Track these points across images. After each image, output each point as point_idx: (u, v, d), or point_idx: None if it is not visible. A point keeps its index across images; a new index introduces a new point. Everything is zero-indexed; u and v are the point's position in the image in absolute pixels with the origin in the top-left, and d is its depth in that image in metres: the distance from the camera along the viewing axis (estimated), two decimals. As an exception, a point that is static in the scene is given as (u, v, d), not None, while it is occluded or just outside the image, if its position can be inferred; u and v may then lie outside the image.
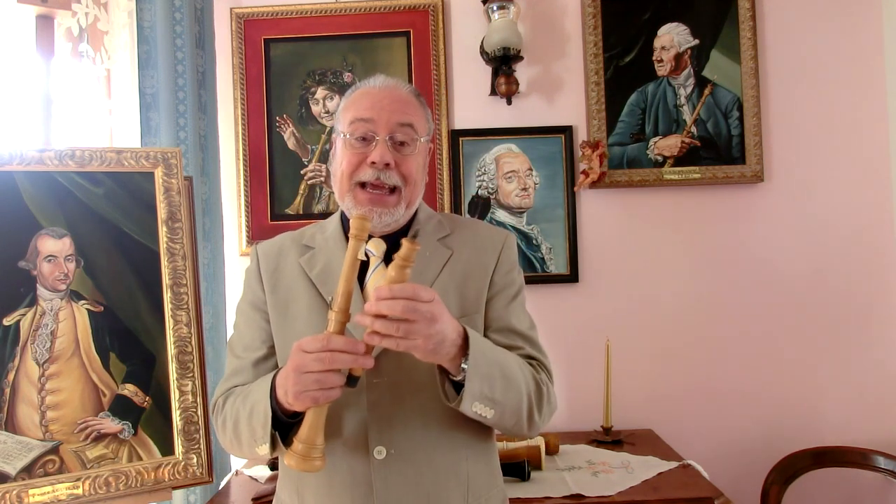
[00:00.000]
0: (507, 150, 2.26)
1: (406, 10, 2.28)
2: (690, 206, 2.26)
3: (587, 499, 1.57)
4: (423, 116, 1.18)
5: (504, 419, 1.06)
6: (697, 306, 2.25)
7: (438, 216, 1.26)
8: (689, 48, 2.26)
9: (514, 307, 1.20)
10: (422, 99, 1.21)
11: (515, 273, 1.23)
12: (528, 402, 1.08)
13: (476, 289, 1.17)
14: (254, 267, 1.22)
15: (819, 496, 2.17)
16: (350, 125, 1.14)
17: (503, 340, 1.15)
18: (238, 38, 2.27)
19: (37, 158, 1.35)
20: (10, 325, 1.30)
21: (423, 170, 1.19)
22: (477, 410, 1.01)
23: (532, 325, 1.22)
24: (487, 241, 1.22)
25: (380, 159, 1.10)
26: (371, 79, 1.20)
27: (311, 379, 0.95)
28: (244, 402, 1.09)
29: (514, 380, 1.05)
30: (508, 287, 1.20)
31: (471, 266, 1.18)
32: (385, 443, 1.07)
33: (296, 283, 1.18)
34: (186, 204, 1.48)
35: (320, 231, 1.24)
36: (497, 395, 1.02)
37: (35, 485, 1.27)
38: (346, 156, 1.14)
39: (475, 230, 1.24)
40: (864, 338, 2.24)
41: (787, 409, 2.23)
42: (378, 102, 1.14)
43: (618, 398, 2.13)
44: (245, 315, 1.22)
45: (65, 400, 1.32)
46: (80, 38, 1.85)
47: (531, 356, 1.17)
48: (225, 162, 2.18)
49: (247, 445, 1.09)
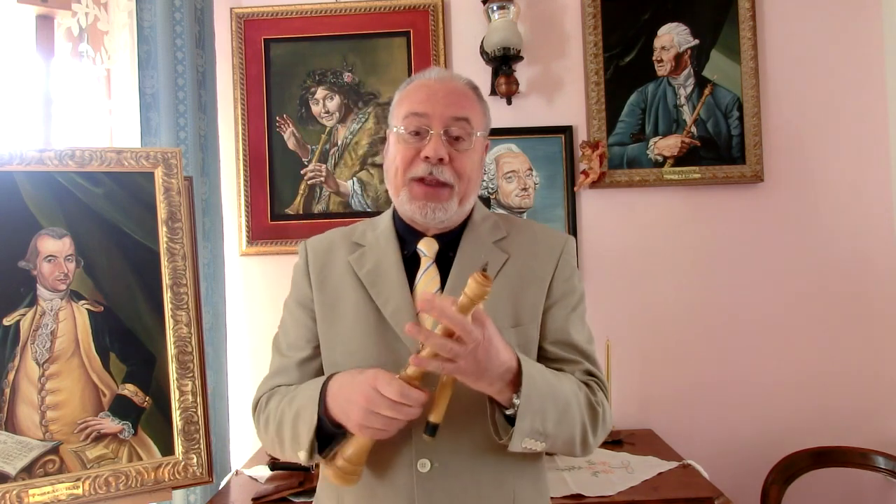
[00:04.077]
0: (507, 150, 2.26)
1: (406, 10, 2.28)
2: (690, 206, 2.26)
3: (587, 499, 1.57)
4: (479, 111, 1.14)
5: (555, 449, 1.03)
6: (697, 306, 2.24)
7: (494, 217, 1.21)
8: (689, 48, 2.26)
9: (574, 318, 1.14)
10: (479, 92, 1.17)
11: (576, 280, 1.17)
12: (582, 430, 1.04)
13: (533, 297, 1.11)
14: (302, 263, 1.19)
15: (819, 496, 2.16)
16: (404, 119, 1.10)
17: (560, 353, 1.11)
18: (238, 38, 2.27)
19: (37, 158, 1.35)
20: (10, 325, 1.30)
21: (479, 166, 1.15)
22: (526, 446, 0.97)
23: (590, 339, 1.17)
24: (546, 246, 1.16)
25: (433, 154, 1.07)
26: (426, 71, 1.16)
27: (379, 420, 0.93)
28: (290, 404, 1.06)
29: (568, 412, 1.01)
30: (568, 296, 1.15)
31: (528, 272, 1.12)
32: (429, 456, 1.03)
33: (344, 281, 1.14)
34: (186, 204, 1.48)
35: (371, 228, 1.20)
36: (549, 429, 0.98)
37: (35, 485, 1.27)
38: (399, 150, 1.11)
39: (533, 233, 1.19)
40: (863, 338, 2.24)
41: (787, 409, 2.22)
42: (433, 96, 1.10)
43: (618, 398, 2.13)
44: (291, 313, 1.19)
45: (65, 400, 1.32)
46: (80, 38, 1.85)
47: (589, 372, 1.12)
48: (225, 162, 2.18)
49: (289, 447, 1.06)
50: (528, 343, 1.10)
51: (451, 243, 1.14)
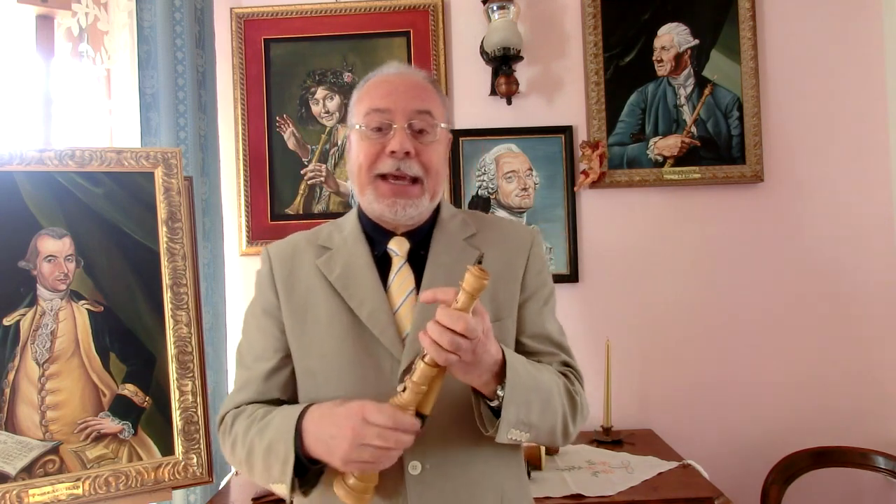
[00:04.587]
0: (507, 150, 2.26)
1: (406, 10, 2.28)
2: (690, 206, 2.26)
3: (587, 499, 1.57)
4: (440, 103, 1.14)
5: (539, 439, 1.04)
6: (697, 306, 2.24)
7: (462, 214, 1.20)
8: (689, 48, 2.26)
9: (547, 312, 1.16)
10: (437, 85, 1.17)
11: (546, 273, 1.18)
12: (564, 419, 1.05)
13: (508, 292, 1.11)
14: (266, 271, 1.15)
15: (819, 496, 2.16)
16: (366, 116, 1.09)
17: (538, 347, 1.12)
18: (238, 38, 2.27)
19: (37, 158, 1.35)
20: (10, 325, 1.30)
21: (444, 159, 1.14)
22: (512, 437, 0.98)
23: (562, 331, 1.18)
24: (516, 240, 1.16)
25: (399, 147, 1.05)
26: (384, 66, 1.14)
27: (369, 453, 0.92)
28: (260, 434, 1.02)
29: (550, 402, 1.02)
30: (541, 289, 1.15)
31: (501, 267, 1.11)
32: (420, 457, 1.02)
33: (313, 286, 1.11)
34: (186, 204, 1.48)
35: (337, 230, 1.17)
36: (534, 419, 0.99)
37: (35, 485, 1.27)
38: (362, 148, 1.09)
39: (501, 228, 1.19)
40: (863, 337, 2.23)
41: (787, 409, 2.22)
42: (394, 90, 1.09)
43: (618, 398, 2.13)
44: (257, 322, 1.15)
45: (65, 400, 1.32)
46: (80, 38, 1.85)
47: (565, 363, 1.14)
48: (225, 162, 2.18)
49: (260, 478, 1.04)
50: (507, 338, 1.10)
51: (422, 242, 1.13)
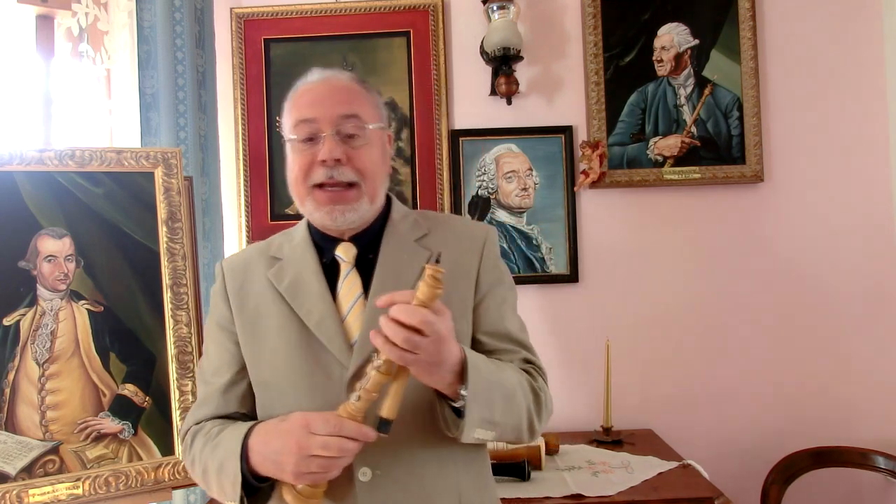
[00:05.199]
0: (507, 150, 2.26)
1: (406, 10, 2.27)
2: (690, 206, 2.26)
3: (587, 499, 1.57)
4: (369, 102, 1.11)
5: (504, 436, 1.03)
6: (697, 306, 2.24)
7: (414, 214, 1.18)
8: (689, 48, 2.26)
9: (506, 309, 1.14)
10: (367, 84, 1.13)
11: (501, 270, 1.16)
12: (528, 415, 1.04)
13: (461, 292, 1.09)
14: (219, 285, 1.15)
15: (819, 496, 2.16)
16: (294, 128, 1.08)
17: (497, 345, 1.11)
18: (238, 38, 2.27)
19: (37, 158, 1.35)
20: (10, 325, 1.30)
21: (381, 161, 1.11)
22: (477, 436, 0.97)
23: (523, 327, 1.16)
24: (468, 239, 1.13)
25: (328, 155, 1.03)
26: (308, 74, 1.13)
27: (316, 463, 0.91)
28: (213, 453, 1.03)
29: (514, 398, 1.01)
30: (496, 287, 1.13)
31: (454, 267, 1.06)
32: (370, 464, 0.99)
33: (264, 297, 1.10)
34: (186, 204, 1.48)
35: (287, 240, 1.16)
36: (497, 416, 0.98)
37: (35, 485, 1.27)
38: (296, 160, 1.08)
39: (453, 227, 1.17)
40: (863, 337, 2.23)
41: (787, 409, 2.22)
42: (318, 98, 1.08)
43: (618, 398, 2.13)
44: (212, 337, 1.15)
45: (65, 400, 1.32)
46: (80, 38, 1.85)
47: (527, 360, 1.12)
48: (225, 162, 2.18)
49: (217, 496, 1.06)
50: (461, 338, 1.05)
51: (370, 245, 1.11)
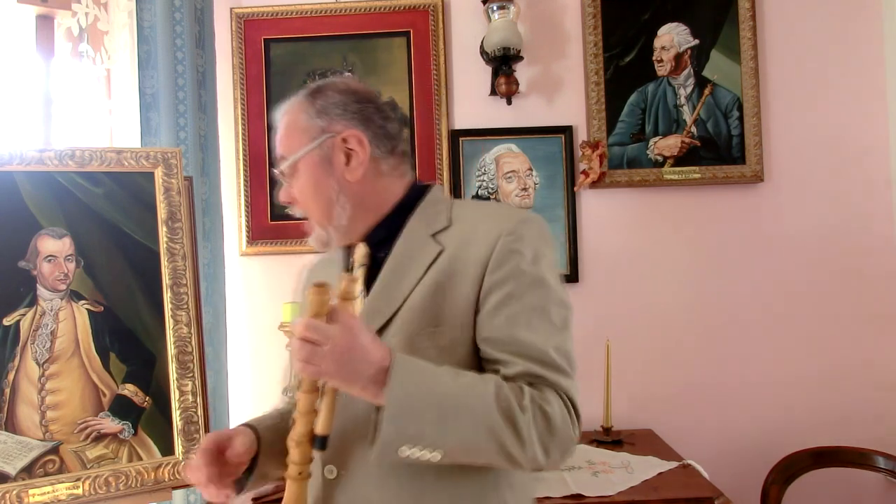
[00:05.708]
0: (507, 150, 2.26)
1: (406, 10, 2.27)
2: (690, 206, 2.26)
3: (587, 499, 1.57)
4: (296, 129, 1.06)
5: (467, 459, 0.91)
6: (697, 306, 2.24)
7: (449, 203, 1.08)
8: (689, 48, 2.26)
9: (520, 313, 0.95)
10: (297, 104, 1.07)
11: (521, 269, 0.96)
12: (496, 437, 0.87)
13: (461, 292, 0.97)
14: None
15: (819, 496, 2.16)
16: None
17: (490, 353, 0.96)
18: (238, 38, 2.27)
19: (37, 158, 1.35)
20: (10, 325, 1.30)
21: (311, 185, 1.06)
22: (407, 454, 0.87)
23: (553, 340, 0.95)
24: (483, 233, 0.99)
25: (280, 201, 1.12)
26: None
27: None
28: None
29: (459, 415, 0.87)
30: (503, 286, 0.96)
31: (459, 265, 0.98)
32: (336, 462, 0.99)
33: None
34: (186, 204, 1.48)
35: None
36: (429, 433, 0.86)
37: (35, 485, 1.27)
38: None
39: (478, 219, 1.02)
40: (863, 337, 2.23)
41: (787, 409, 2.22)
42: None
43: (618, 398, 2.13)
44: None
45: (65, 400, 1.32)
46: (80, 38, 1.85)
47: (531, 374, 0.93)
48: (225, 162, 2.18)
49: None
50: (454, 345, 0.97)
51: (383, 243, 1.07)
